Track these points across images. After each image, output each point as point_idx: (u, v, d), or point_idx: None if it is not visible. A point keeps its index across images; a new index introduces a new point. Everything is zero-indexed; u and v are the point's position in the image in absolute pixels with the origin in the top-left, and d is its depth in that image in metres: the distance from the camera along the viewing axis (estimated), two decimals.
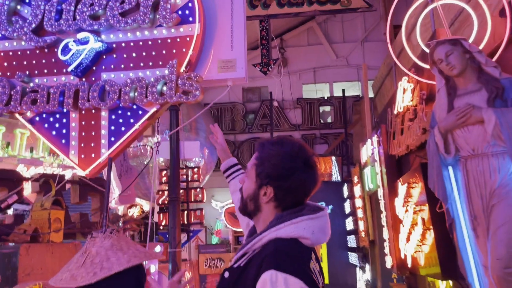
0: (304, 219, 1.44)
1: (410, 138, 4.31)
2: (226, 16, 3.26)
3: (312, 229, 1.43)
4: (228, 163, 2.37)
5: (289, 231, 1.41)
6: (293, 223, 1.43)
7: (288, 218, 1.45)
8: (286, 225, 1.42)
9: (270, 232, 1.43)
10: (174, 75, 3.00)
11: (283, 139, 1.56)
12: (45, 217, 4.02)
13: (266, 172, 1.50)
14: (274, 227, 1.43)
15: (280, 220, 1.45)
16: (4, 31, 3.23)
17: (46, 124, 3.21)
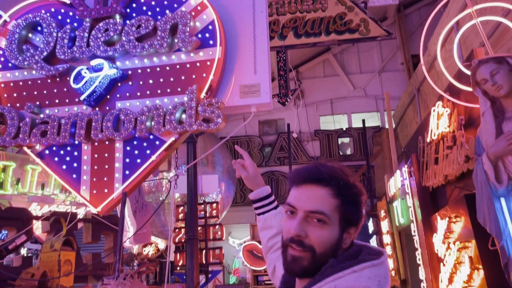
0: (368, 265, 1.13)
1: (449, 168, 3.96)
2: (248, 39, 3.05)
3: (378, 279, 1.13)
4: (260, 193, 1.85)
5: (351, 282, 1.10)
6: (354, 271, 1.12)
7: (348, 265, 1.13)
8: (347, 273, 1.11)
9: (327, 283, 1.11)
10: (194, 101, 2.76)
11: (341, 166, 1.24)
12: (54, 259, 3.72)
13: (354, 214, 1.19)
14: (330, 277, 1.12)
15: (338, 268, 1.13)
16: (15, 60, 3.06)
17: (56, 157, 2.98)
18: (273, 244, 1.74)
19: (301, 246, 1.15)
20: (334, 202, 1.16)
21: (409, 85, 9.07)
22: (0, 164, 4.20)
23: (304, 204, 1.17)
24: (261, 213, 1.83)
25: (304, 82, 13.61)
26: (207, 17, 2.97)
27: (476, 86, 3.10)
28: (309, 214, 1.16)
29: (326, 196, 1.16)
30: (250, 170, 1.86)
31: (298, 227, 1.15)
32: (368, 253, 1.19)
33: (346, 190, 1.18)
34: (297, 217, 1.17)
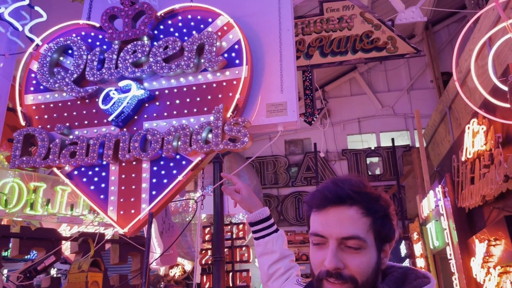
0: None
1: (487, 188, 3.77)
2: (274, 57, 3.03)
3: None
4: (259, 215, 1.68)
5: None
6: None
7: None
8: None
9: None
10: (220, 121, 2.74)
11: (360, 179, 1.13)
12: (82, 280, 3.71)
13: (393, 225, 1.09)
14: None
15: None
16: (46, 82, 3.13)
17: (84, 178, 2.99)
18: (274, 271, 1.62)
19: (341, 279, 1.02)
20: (366, 222, 1.04)
21: (440, 102, 8.85)
22: (31, 185, 4.28)
23: (335, 231, 1.04)
24: (261, 236, 1.67)
25: (330, 101, 13.52)
26: (233, 37, 2.97)
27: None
28: (342, 241, 1.04)
29: (357, 217, 1.04)
30: (243, 192, 1.73)
31: (334, 259, 1.02)
32: (416, 276, 1.08)
33: (375, 205, 1.07)
34: (330, 247, 1.04)
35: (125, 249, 4.60)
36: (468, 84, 6.61)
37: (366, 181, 1.11)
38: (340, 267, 1.02)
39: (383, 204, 1.08)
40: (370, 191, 1.09)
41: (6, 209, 4.07)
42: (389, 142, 11.91)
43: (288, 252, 1.69)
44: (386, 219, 1.08)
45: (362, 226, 1.04)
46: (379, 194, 1.09)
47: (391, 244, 1.11)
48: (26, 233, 3.95)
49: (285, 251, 1.67)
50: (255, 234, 1.69)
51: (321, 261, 1.05)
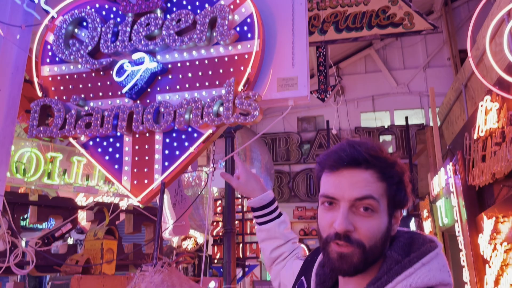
0: (433, 255, 1.01)
1: (497, 165, 3.77)
2: (286, 31, 3.03)
3: (446, 269, 1.00)
4: (262, 200, 1.60)
5: (424, 278, 0.97)
6: (423, 264, 0.99)
7: (415, 258, 1.00)
8: (417, 268, 0.98)
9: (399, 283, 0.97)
10: (232, 94, 2.77)
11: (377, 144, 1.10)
12: (97, 247, 3.87)
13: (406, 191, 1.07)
14: (401, 275, 0.98)
15: (405, 263, 1.00)
16: (62, 54, 3.19)
17: (99, 148, 3.08)
18: (278, 255, 1.61)
19: (349, 242, 1.00)
20: (381, 187, 1.02)
21: (455, 80, 8.72)
22: (48, 155, 4.41)
23: (348, 192, 1.01)
24: (264, 222, 1.61)
25: (344, 78, 13.40)
26: (245, 10, 2.97)
27: None
28: (355, 203, 1.01)
29: (372, 180, 1.02)
30: (241, 177, 1.66)
31: (345, 221, 0.99)
32: (423, 241, 1.06)
33: (391, 170, 1.04)
34: (341, 209, 1.01)
35: (139, 219, 4.75)
36: (484, 62, 6.49)
37: (382, 146, 1.08)
38: (350, 229, 1.00)
39: (399, 170, 1.06)
40: (386, 156, 1.06)
41: (24, 178, 4.21)
42: (403, 120, 11.82)
43: (291, 236, 1.66)
44: (401, 185, 1.05)
45: (376, 190, 1.02)
46: (395, 160, 1.07)
47: (401, 211, 1.09)
48: (44, 201, 4.10)
49: (288, 234, 1.63)
50: (257, 220, 1.62)
51: (330, 223, 1.03)
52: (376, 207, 1.01)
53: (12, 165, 3.89)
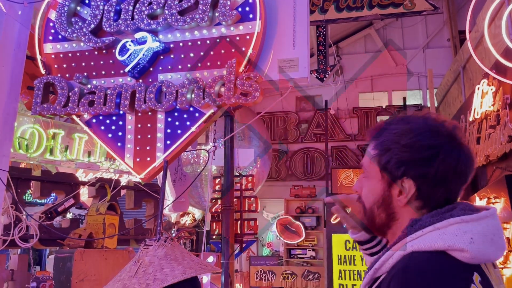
0: (454, 222, 0.94)
1: (491, 148, 3.86)
2: (288, 13, 3.05)
3: (469, 236, 0.92)
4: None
5: (431, 240, 0.93)
6: (437, 228, 0.94)
7: (429, 222, 0.96)
8: (427, 231, 0.95)
9: (403, 244, 0.96)
10: (233, 75, 2.82)
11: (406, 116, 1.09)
12: (100, 222, 3.97)
13: (398, 159, 1.02)
14: (408, 237, 0.97)
15: (417, 226, 0.97)
16: (64, 32, 3.21)
17: (102, 126, 3.14)
18: None
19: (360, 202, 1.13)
20: (371, 153, 1.08)
21: (454, 62, 8.73)
22: (50, 131, 4.47)
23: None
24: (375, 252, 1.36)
25: (344, 58, 13.34)
26: None
27: None
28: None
29: (370, 148, 1.09)
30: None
31: (356, 183, 1.14)
32: (462, 209, 0.99)
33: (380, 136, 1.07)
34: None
35: (140, 195, 4.85)
36: (483, 45, 6.50)
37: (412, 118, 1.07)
38: (358, 190, 1.13)
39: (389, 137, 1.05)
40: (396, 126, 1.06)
41: (27, 153, 4.27)
42: (401, 101, 11.86)
43: None
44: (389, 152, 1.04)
45: (368, 157, 1.09)
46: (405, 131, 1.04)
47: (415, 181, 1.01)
48: (46, 177, 4.18)
49: None
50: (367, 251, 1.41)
51: None
52: (366, 171, 1.09)
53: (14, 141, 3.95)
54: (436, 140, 1.01)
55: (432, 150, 1.00)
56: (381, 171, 1.05)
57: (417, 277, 0.88)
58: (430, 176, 1.00)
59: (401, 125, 1.05)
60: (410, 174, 1.01)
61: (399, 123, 1.06)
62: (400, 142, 1.02)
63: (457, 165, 1.00)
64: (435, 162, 0.99)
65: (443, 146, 1.00)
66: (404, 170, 1.01)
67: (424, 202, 1.02)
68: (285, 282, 9.36)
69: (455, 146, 1.02)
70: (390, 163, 1.03)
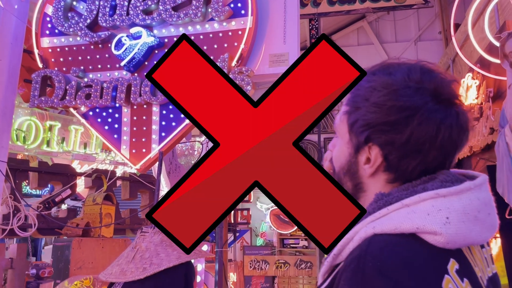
0: (427, 197, 0.74)
1: (474, 139, 4.01)
2: (279, 8, 3.16)
3: (444, 214, 0.72)
4: None
5: (398, 221, 0.73)
6: (405, 205, 0.75)
7: (397, 198, 0.77)
8: (392, 209, 0.75)
9: (364, 225, 0.76)
10: (226, 69, 2.93)
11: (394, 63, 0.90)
12: (96, 212, 4.08)
13: (365, 121, 0.84)
14: (370, 216, 0.77)
15: (382, 202, 0.78)
16: (61, 26, 3.29)
17: (99, 118, 3.24)
18: None
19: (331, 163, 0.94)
20: (343, 110, 0.90)
21: (444, 55, 8.87)
22: (47, 123, 4.55)
23: None
24: None
25: None
26: None
27: (505, 58, 3.11)
28: None
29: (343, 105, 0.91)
30: None
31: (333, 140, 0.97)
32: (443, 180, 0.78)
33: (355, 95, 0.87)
34: None
35: (135, 186, 4.96)
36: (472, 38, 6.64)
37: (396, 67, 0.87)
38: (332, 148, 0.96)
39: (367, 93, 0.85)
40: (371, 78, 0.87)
41: (25, 145, 4.36)
42: None
43: None
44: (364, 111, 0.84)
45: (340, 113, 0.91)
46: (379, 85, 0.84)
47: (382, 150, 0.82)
48: (44, 168, 4.27)
49: None
50: None
51: None
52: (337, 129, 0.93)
53: (12, 132, 4.04)
54: (414, 99, 0.80)
55: (405, 112, 0.80)
56: (349, 132, 0.87)
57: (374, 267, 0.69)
58: (399, 144, 0.80)
59: (381, 76, 0.85)
60: (376, 140, 0.83)
61: (381, 73, 0.86)
62: (370, 99, 0.83)
63: (437, 132, 0.79)
64: (407, 128, 0.79)
65: (422, 107, 0.79)
66: (369, 134, 0.83)
67: (395, 174, 0.83)
68: (278, 271, 9.54)
69: (440, 107, 0.80)
70: (356, 125, 0.85)
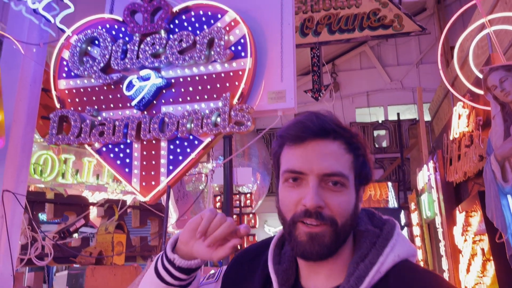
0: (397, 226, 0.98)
1: (467, 165, 4.19)
2: (276, 49, 3.42)
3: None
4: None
5: (406, 247, 0.94)
6: (399, 235, 0.96)
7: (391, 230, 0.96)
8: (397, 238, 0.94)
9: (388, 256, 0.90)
10: (227, 107, 3.18)
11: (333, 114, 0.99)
12: (109, 240, 4.30)
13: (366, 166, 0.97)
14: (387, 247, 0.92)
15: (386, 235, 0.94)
16: (77, 70, 3.58)
17: (111, 154, 3.49)
18: None
19: (321, 219, 0.88)
20: (348, 159, 0.92)
21: (441, 83, 9.10)
22: (62, 156, 4.83)
23: (316, 166, 0.90)
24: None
25: (340, 75, 13.76)
26: (239, 32, 3.36)
27: (488, 91, 3.33)
28: (324, 178, 0.90)
29: (340, 153, 0.92)
30: None
31: (316, 197, 0.87)
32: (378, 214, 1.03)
33: (356, 141, 0.94)
34: (311, 183, 0.89)
35: (145, 214, 5.18)
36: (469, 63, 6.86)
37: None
38: (322, 205, 0.88)
39: (362, 142, 0.96)
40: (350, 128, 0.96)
41: (41, 178, 4.62)
42: (396, 115, 12.22)
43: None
44: (366, 158, 0.96)
45: (345, 163, 0.91)
46: (357, 132, 0.97)
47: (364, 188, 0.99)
48: (59, 199, 4.52)
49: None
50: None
51: (297, 201, 0.90)
52: (345, 182, 0.90)
53: (30, 166, 4.31)
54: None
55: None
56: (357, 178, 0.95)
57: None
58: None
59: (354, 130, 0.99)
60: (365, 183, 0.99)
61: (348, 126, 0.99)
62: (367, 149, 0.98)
63: None
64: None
65: None
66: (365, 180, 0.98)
67: None
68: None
69: None
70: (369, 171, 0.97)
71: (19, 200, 3.59)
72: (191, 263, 1.00)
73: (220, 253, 0.96)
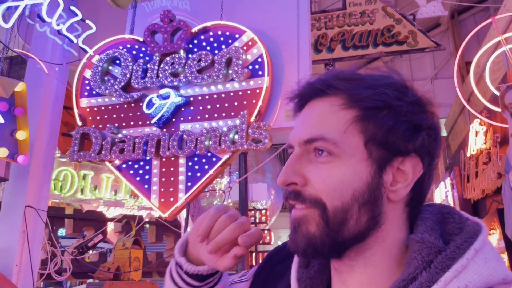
0: (485, 239, 0.64)
1: (485, 182, 4.16)
2: (292, 68, 3.48)
3: (500, 257, 0.65)
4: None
5: (485, 272, 0.61)
6: (477, 251, 0.62)
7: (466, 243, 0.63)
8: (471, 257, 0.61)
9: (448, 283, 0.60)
10: (245, 124, 3.23)
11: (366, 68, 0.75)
12: (126, 256, 4.34)
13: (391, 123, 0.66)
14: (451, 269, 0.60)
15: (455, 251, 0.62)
16: (98, 88, 3.68)
17: (131, 170, 3.56)
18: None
19: (300, 201, 0.68)
20: (346, 115, 0.67)
21: (456, 99, 9.06)
22: (81, 173, 4.92)
23: (299, 133, 0.70)
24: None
25: None
26: (257, 51, 3.43)
27: (505, 108, 3.33)
28: (305, 147, 0.69)
29: (331, 110, 0.68)
30: None
31: (285, 170, 0.68)
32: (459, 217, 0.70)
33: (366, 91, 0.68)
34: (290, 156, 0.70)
35: (161, 230, 5.23)
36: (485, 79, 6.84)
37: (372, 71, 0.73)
38: (296, 180, 0.67)
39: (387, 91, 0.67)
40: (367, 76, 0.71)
41: (61, 193, 4.72)
42: None
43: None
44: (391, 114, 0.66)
45: (335, 122, 0.67)
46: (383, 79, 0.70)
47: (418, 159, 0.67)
48: (78, 215, 4.60)
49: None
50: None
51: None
52: (333, 149, 0.66)
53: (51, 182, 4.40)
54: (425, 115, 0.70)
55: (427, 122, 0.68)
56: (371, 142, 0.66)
57: None
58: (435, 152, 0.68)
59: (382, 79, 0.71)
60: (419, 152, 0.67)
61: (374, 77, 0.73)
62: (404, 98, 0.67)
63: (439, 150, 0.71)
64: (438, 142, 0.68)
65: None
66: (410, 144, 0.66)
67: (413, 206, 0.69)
68: None
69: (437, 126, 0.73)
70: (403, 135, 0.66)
71: (41, 216, 3.67)
72: (200, 269, 0.80)
73: (224, 262, 0.76)
